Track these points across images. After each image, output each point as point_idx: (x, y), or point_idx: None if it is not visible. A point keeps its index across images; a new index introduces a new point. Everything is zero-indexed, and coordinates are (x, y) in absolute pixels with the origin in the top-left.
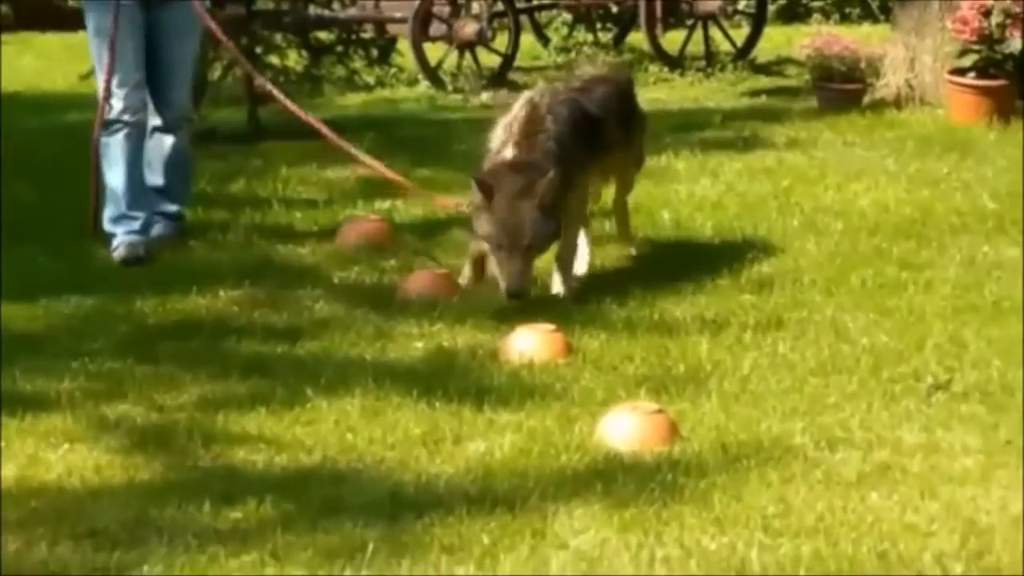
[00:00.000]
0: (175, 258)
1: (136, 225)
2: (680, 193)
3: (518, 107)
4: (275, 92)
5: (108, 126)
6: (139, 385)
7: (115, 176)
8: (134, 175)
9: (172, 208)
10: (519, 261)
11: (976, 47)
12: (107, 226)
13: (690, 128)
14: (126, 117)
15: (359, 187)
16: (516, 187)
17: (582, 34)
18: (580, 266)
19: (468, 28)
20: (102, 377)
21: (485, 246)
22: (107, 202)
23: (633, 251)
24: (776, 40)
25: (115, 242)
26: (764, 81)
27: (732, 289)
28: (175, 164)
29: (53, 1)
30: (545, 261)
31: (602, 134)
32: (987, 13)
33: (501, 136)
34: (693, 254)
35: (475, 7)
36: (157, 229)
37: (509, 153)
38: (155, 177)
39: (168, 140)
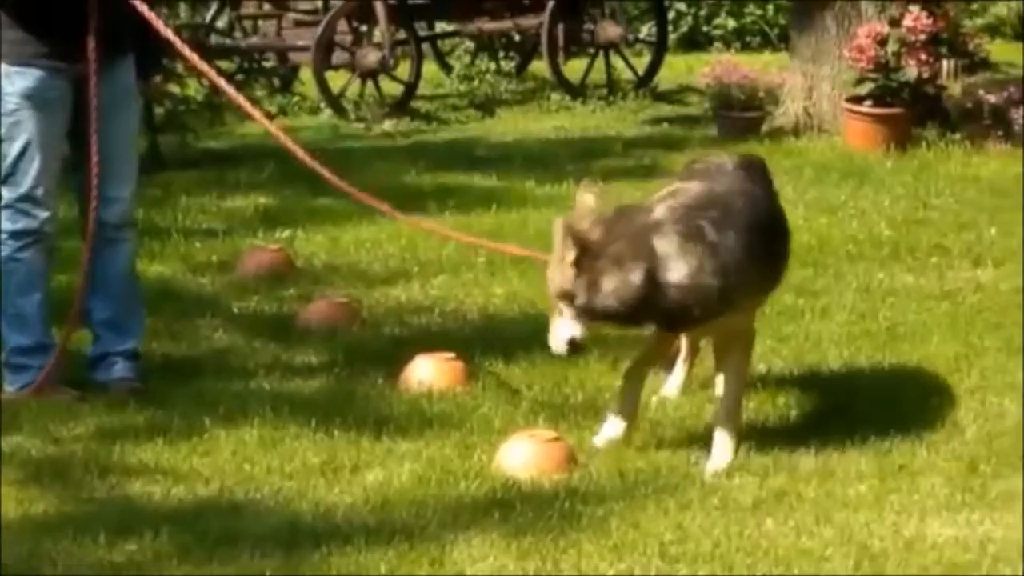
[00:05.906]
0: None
1: (49, 356)
2: None
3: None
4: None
5: (23, 237)
6: (35, 416)
7: (31, 302)
8: (46, 298)
9: (128, 345)
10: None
11: (873, 75)
12: (16, 358)
13: (591, 156)
14: (48, 229)
15: (258, 217)
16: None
17: (485, 62)
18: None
19: (370, 56)
20: None
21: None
22: (12, 331)
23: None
24: (677, 68)
25: (19, 379)
26: (665, 109)
27: None
28: (126, 286)
29: None
30: None
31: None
32: (883, 42)
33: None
34: None
35: (377, 35)
36: (117, 371)
37: (659, 212)
38: (103, 308)
39: (114, 254)
